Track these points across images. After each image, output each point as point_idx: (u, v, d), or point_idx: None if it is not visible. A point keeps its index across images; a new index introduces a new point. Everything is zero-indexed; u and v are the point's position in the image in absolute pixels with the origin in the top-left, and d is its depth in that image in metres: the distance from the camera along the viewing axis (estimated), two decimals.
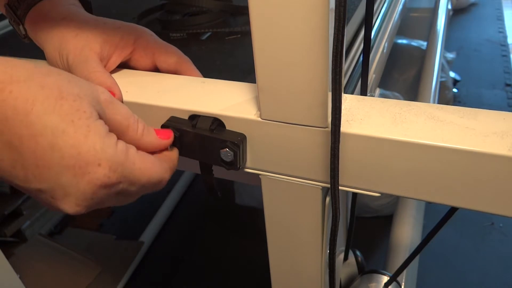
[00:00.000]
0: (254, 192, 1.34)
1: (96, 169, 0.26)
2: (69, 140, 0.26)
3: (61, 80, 0.27)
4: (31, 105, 0.25)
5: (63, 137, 0.26)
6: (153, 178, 0.30)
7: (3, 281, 0.37)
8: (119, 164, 0.27)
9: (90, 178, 0.26)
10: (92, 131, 0.26)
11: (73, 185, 0.26)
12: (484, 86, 1.86)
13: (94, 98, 0.28)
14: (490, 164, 0.27)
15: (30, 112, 0.25)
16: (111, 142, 0.27)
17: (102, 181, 0.27)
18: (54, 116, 0.26)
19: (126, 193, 0.30)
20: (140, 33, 0.40)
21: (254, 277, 1.14)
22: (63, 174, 0.26)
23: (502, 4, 2.62)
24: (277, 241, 0.40)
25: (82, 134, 0.26)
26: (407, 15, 1.69)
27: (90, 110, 0.27)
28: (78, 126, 0.26)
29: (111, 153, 0.27)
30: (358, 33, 0.50)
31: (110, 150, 0.27)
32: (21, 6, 0.39)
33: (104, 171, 0.27)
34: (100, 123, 0.28)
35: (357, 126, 0.30)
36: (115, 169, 0.27)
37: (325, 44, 0.27)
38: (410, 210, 0.92)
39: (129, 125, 0.31)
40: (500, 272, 1.11)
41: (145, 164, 0.30)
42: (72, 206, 0.27)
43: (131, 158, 0.29)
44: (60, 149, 0.26)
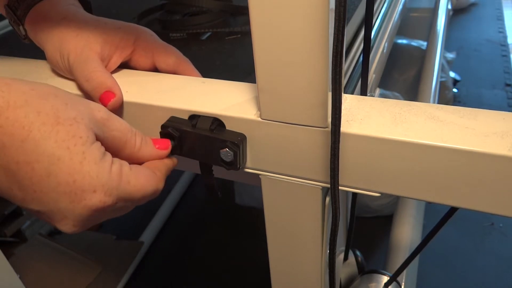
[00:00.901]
0: (254, 192, 1.34)
1: (91, 195, 0.27)
2: (64, 168, 0.26)
3: (58, 104, 0.27)
4: (27, 132, 0.26)
5: (59, 165, 0.26)
6: (148, 192, 0.31)
7: (3, 281, 0.37)
8: (114, 188, 0.28)
9: (86, 204, 0.27)
10: (87, 158, 0.27)
11: (69, 210, 0.27)
12: (484, 86, 1.86)
13: (91, 118, 0.29)
14: (490, 164, 0.27)
15: (26, 138, 0.26)
16: (106, 166, 0.28)
17: (97, 206, 0.27)
18: (50, 143, 0.26)
19: (123, 208, 0.30)
20: (140, 34, 0.40)
21: (254, 277, 1.14)
22: (59, 200, 0.27)
23: (502, 4, 2.62)
24: (277, 241, 0.40)
25: (78, 161, 0.27)
26: (407, 15, 1.69)
27: (86, 134, 0.27)
28: (73, 153, 0.26)
29: (106, 178, 0.28)
30: (358, 33, 0.50)
31: (104, 175, 0.28)
32: (20, 7, 0.39)
33: (100, 197, 0.27)
34: (96, 147, 0.28)
35: (357, 126, 0.30)
36: (110, 193, 0.28)
37: (325, 44, 0.27)
38: (410, 210, 0.92)
39: (127, 139, 0.31)
40: (500, 272, 1.11)
41: (139, 180, 0.30)
42: (70, 227, 0.28)
43: (126, 178, 0.29)
44: (56, 176, 0.26)
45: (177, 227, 1.33)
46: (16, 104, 0.26)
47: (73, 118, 0.27)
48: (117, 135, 0.31)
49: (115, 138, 0.31)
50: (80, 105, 0.29)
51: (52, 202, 0.27)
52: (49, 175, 0.26)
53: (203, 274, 1.18)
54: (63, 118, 0.27)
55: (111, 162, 0.29)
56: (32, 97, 0.26)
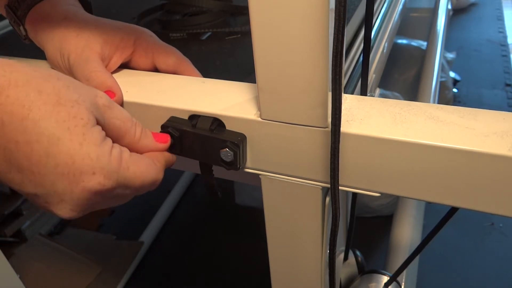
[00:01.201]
0: (254, 192, 1.34)
1: (90, 177, 0.27)
2: (64, 148, 0.26)
3: (60, 86, 0.27)
4: (28, 111, 0.25)
5: (58, 145, 0.26)
6: (147, 180, 0.31)
7: (3, 281, 0.37)
8: (114, 172, 0.28)
9: (85, 186, 0.27)
10: (87, 139, 0.27)
11: (67, 192, 0.27)
12: (484, 86, 1.86)
13: (93, 103, 0.28)
14: (490, 164, 0.27)
15: (26, 117, 0.25)
16: (106, 149, 0.28)
17: (96, 188, 0.27)
18: (51, 123, 0.26)
19: (121, 195, 0.30)
20: (140, 34, 0.40)
21: (254, 277, 1.14)
22: (57, 182, 0.26)
23: (502, 4, 2.62)
24: (277, 241, 0.40)
25: (77, 142, 0.26)
26: (407, 15, 1.69)
27: (87, 116, 0.27)
28: (73, 134, 0.26)
29: (106, 161, 0.27)
30: (358, 33, 0.50)
31: (104, 158, 0.27)
32: (21, 7, 0.39)
33: (99, 179, 0.27)
34: (96, 130, 0.28)
35: (357, 126, 0.30)
36: (110, 177, 0.27)
37: (325, 44, 0.27)
38: (410, 210, 0.92)
39: (127, 129, 0.31)
40: (500, 272, 1.11)
41: (139, 168, 0.30)
42: (67, 212, 0.28)
43: (125, 164, 0.29)
44: (55, 156, 0.26)
45: (177, 227, 1.33)
46: (17, 83, 0.25)
47: (74, 100, 0.27)
48: (118, 123, 0.30)
49: (115, 126, 0.30)
50: (82, 89, 0.28)
51: (50, 184, 0.26)
52: (48, 155, 0.26)
53: (203, 274, 1.18)
54: (65, 99, 0.26)
55: (112, 146, 0.28)
56: (34, 78, 0.26)
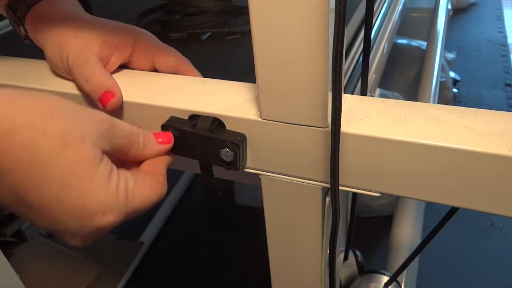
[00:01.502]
0: (254, 192, 1.34)
1: (100, 218, 0.28)
2: (74, 194, 0.26)
3: (64, 123, 0.27)
4: (35, 157, 0.25)
5: (68, 191, 0.26)
6: (153, 201, 0.31)
7: (3, 281, 0.37)
8: (123, 208, 0.29)
9: (95, 225, 0.28)
10: (95, 182, 0.27)
11: (79, 231, 0.28)
12: (484, 86, 1.86)
13: (97, 133, 0.29)
14: (490, 164, 0.27)
15: (34, 164, 0.25)
16: (113, 188, 0.28)
17: (106, 226, 0.28)
18: (59, 168, 0.26)
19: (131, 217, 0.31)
20: (139, 35, 0.40)
21: (254, 277, 1.14)
22: (69, 223, 0.27)
23: (502, 4, 2.62)
24: (277, 241, 0.40)
25: (86, 186, 0.27)
26: (407, 15, 1.69)
27: (94, 155, 0.27)
28: (82, 178, 0.27)
29: (114, 200, 0.28)
30: (358, 33, 0.50)
31: (112, 197, 0.28)
32: (20, 7, 0.39)
33: (109, 219, 0.28)
34: (102, 167, 0.28)
35: (357, 126, 0.30)
36: (119, 214, 0.28)
37: (325, 44, 0.27)
38: (410, 210, 0.92)
39: (131, 143, 0.32)
40: (500, 272, 1.11)
41: (145, 193, 0.31)
42: (78, 243, 0.29)
43: (131, 195, 0.30)
44: (66, 201, 0.26)
45: (177, 227, 1.33)
46: (21, 125, 0.25)
47: (80, 138, 0.27)
48: (122, 142, 0.31)
49: (120, 145, 0.31)
50: (86, 120, 0.28)
51: (61, 224, 0.27)
52: (59, 201, 0.26)
53: (203, 274, 1.18)
54: (71, 139, 0.26)
55: (118, 180, 0.29)
56: (38, 118, 0.26)
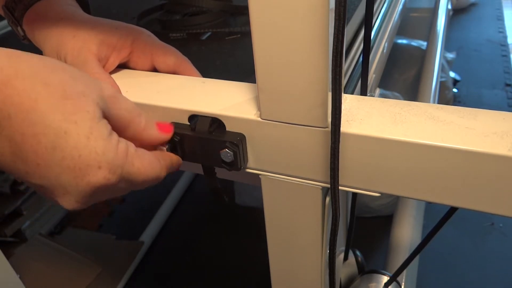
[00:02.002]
0: (254, 192, 1.34)
1: (96, 171, 0.27)
2: (71, 142, 0.26)
3: (66, 77, 0.27)
4: (34, 103, 0.25)
5: (65, 138, 0.26)
6: (149, 177, 0.31)
7: (3, 281, 0.37)
8: (119, 166, 0.28)
9: (90, 180, 0.27)
10: (94, 133, 0.27)
11: (72, 185, 0.27)
12: (484, 86, 1.86)
13: (99, 95, 0.28)
14: (490, 164, 0.27)
15: (33, 110, 0.25)
16: (112, 144, 0.28)
17: (101, 183, 0.27)
18: (57, 116, 0.26)
19: (123, 189, 0.30)
20: (138, 34, 0.40)
21: (254, 277, 1.14)
22: (63, 175, 0.26)
23: (502, 4, 2.62)
24: (277, 241, 0.40)
25: (84, 136, 0.26)
26: (407, 15, 1.69)
27: (93, 109, 0.27)
28: (80, 127, 0.26)
29: (112, 156, 0.27)
30: (358, 33, 0.50)
31: (111, 152, 0.27)
32: (18, 7, 0.39)
33: (104, 174, 0.27)
34: (103, 123, 0.28)
35: (357, 126, 0.30)
36: (115, 171, 0.28)
37: (325, 44, 0.27)
38: (410, 210, 0.92)
39: (132, 118, 0.31)
40: (500, 272, 1.11)
41: (143, 164, 0.30)
42: (71, 203, 0.28)
43: (130, 159, 0.29)
44: (62, 150, 0.26)
45: (177, 227, 1.33)
46: (24, 74, 0.25)
47: (81, 92, 0.27)
48: (123, 114, 0.30)
49: (121, 117, 0.30)
50: (88, 80, 0.28)
51: (55, 177, 0.26)
52: (55, 148, 0.25)
53: (203, 274, 1.18)
54: (71, 92, 0.26)
55: (118, 140, 0.29)
56: (41, 69, 0.26)
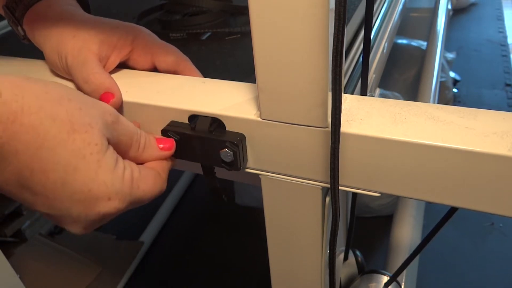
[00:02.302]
0: (254, 192, 1.34)
1: (105, 203, 0.28)
2: (80, 177, 0.26)
3: (72, 109, 0.27)
4: (43, 140, 0.25)
5: (75, 174, 0.26)
6: (154, 194, 0.32)
7: (3, 281, 0.37)
8: (127, 194, 0.29)
9: (100, 210, 0.28)
10: (102, 166, 0.27)
11: (82, 216, 0.27)
12: (484, 86, 1.86)
13: (104, 123, 0.29)
14: (490, 164, 0.27)
15: (41, 147, 0.25)
16: (119, 174, 0.28)
17: (111, 212, 0.28)
18: (66, 152, 0.26)
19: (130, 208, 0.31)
20: (138, 33, 0.40)
21: (254, 277, 1.14)
22: (73, 207, 0.27)
23: (502, 4, 2.62)
24: (277, 241, 0.40)
25: (93, 170, 0.27)
26: (407, 15, 1.69)
27: (101, 141, 0.27)
28: (89, 162, 0.27)
29: (119, 186, 0.28)
30: (358, 33, 0.50)
31: (118, 183, 0.28)
32: (18, 7, 0.39)
33: (114, 204, 0.28)
34: (109, 154, 0.28)
35: (357, 126, 0.30)
36: (124, 200, 0.28)
37: (325, 44, 0.27)
38: (410, 210, 0.92)
39: (132, 143, 0.32)
40: (500, 272, 1.11)
41: (148, 185, 0.31)
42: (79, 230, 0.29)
43: (136, 184, 0.30)
44: (71, 185, 0.26)
45: (177, 227, 1.33)
46: (30, 110, 0.25)
47: (88, 124, 0.27)
48: (123, 139, 0.31)
49: (122, 142, 0.31)
50: (92, 109, 0.29)
51: (65, 209, 0.27)
52: (64, 184, 0.26)
53: (203, 274, 1.18)
54: (78, 125, 0.27)
55: (124, 168, 0.29)
56: (46, 102, 0.26)
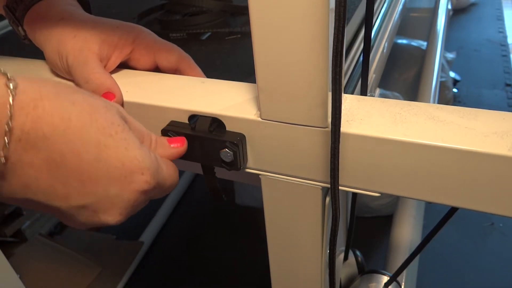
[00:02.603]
0: (254, 192, 1.34)
1: (140, 177, 0.28)
2: (112, 153, 0.27)
3: (86, 95, 0.28)
4: (68, 121, 0.25)
5: (106, 151, 0.26)
6: (174, 181, 0.32)
7: (3, 281, 0.37)
8: (156, 171, 0.29)
9: (135, 187, 0.28)
10: (130, 144, 0.28)
11: (119, 196, 0.28)
12: (484, 86, 1.86)
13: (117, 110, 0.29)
14: (490, 164, 0.27)
15: (68, 128, 0.25)
16: (146, 151, 0.29)
17: (144, 188, 0.28)
18: (93, 131, 0.26)
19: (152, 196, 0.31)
20: (139, 32, 0.40)
21: (254, 277, 1.14)
22: (110, 186, 0.27)
23: (502, 4, 2.62)
24: (277, 241, 0.40)
25: (123, 146, 0.27)
26: (407, 15, 1.69)
27: (121, 122, 0.28)
28: (117, 140, 0.27)
29: (149, 161, 0.29)
30: (358, 33, 0.50)
31: (148, 159, 0.29)
32: (19, 7, 0.39)
33: (146, 178, 0.28)
34: (132, 134, 0.29)
35: (357, 126, 0.30)
36: (154, 176, 0.29)
37: (325, 44, 0.27)
38: (410, 210, 0.92)
39: (143, 140, 0.32)
40: (500, 272, 1.11)
41: (169, 169, 0.32)
42: (116, 216, 0.29)
43: (161, 165, 0.30)
44: (106, 161, 0.26)
45: (177, 227, 1.33)
46: (49, 96, 0.25)
47: (104, 106, 0.28)
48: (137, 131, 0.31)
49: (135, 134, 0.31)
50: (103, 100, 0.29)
51: (102, 190, 0.27)
52: (99, 161, 0.26)
53: (203, 274, 1.18)
54: (97, 107, 0.27)
55: (149, 146, 0.30)
56: (63, 90, 0.26)
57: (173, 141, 0.34)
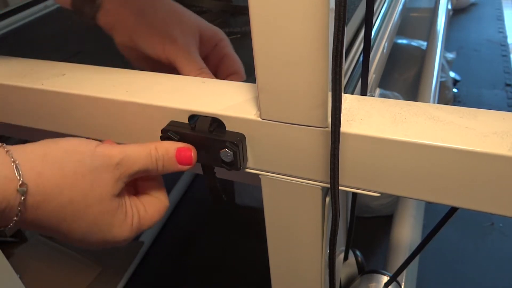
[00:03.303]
0: (254, 192, 1.34)
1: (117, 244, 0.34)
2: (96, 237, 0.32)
3: (86, 187, 0.31)
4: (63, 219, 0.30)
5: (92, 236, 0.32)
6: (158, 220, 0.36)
7: (3, 281, 0.37)
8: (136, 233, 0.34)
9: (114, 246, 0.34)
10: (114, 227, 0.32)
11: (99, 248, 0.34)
12: (484, 86, 1.86)
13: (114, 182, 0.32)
14: (490, 164, 0.27)
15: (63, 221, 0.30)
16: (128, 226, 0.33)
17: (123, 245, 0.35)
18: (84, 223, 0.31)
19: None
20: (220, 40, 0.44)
21: (254, 277, 1.14)
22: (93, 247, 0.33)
23: (502, 4, 2.62)
24: (277, 241, 0.40)
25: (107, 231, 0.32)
26: (407, 15, 1.69)
27: (112, 207, 0.32)
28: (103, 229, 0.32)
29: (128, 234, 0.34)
30: (358, 33, 0.50)
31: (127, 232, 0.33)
32: None
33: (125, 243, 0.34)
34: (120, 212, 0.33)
35: (357, 126, 0.30)
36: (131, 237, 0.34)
37: (325, 44, 0.27)
38: (410, 210, 0.92)
39: (149, 171, 0.34)
40: (500, 272, 1.11)
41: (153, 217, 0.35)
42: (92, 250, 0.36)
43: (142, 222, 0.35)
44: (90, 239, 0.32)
45: (177, 227, 1.33)
46: (51, 197, 0.29)
47: (99, 196, 0.31)
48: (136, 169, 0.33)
49: (138, 175, 0.34)
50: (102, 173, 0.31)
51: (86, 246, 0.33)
52: (84, 240, 0.32)
53: (203, 274, 1.18)
54: (92, 200, 0.31)
55: (132, 217, 0.34)
56: (65, 186, 0.30)
57: (182, 161, 0.35)
